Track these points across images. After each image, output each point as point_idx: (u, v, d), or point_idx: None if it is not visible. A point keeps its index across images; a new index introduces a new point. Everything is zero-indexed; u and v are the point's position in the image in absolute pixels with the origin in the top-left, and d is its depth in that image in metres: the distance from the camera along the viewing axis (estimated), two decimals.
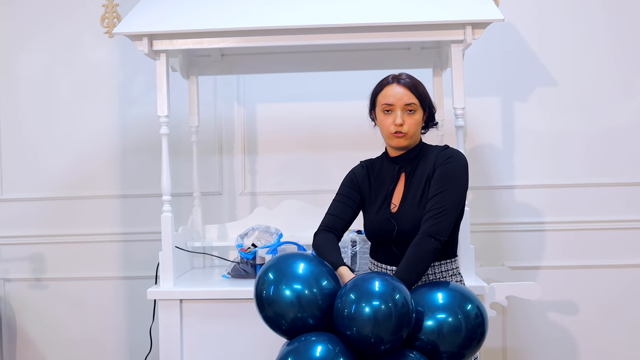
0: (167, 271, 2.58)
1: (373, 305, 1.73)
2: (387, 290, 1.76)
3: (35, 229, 3.39)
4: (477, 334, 1.83)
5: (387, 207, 2.10)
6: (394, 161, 2.16)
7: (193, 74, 3.11)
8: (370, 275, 1.83)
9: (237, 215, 3.32)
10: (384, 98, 2.09)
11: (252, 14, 2.55)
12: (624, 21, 3.23)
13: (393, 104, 2.07)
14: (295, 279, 1.85)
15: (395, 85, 2.08)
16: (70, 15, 3.38)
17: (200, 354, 2.54)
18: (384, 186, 2.15)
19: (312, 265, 1.90)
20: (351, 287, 1.80)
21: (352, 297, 1.77)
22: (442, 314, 1.81)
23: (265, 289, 1.88)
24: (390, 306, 1.73)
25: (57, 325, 3.39)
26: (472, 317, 1.82)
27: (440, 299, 1.84)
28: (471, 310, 1.83)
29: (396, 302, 1.74)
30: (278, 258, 1.95)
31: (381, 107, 2.09)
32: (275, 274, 1.88)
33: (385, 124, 2.09)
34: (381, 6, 2.55)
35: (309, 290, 1.84)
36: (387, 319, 1.72)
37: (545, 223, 3.24)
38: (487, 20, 2.48)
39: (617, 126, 3.24)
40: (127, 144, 3.38)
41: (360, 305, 1.74)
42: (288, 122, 3.33)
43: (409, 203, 2.07)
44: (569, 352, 3.25)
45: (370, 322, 1.72)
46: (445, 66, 2.97)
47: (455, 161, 2.04)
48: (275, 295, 1.85)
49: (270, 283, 1.87)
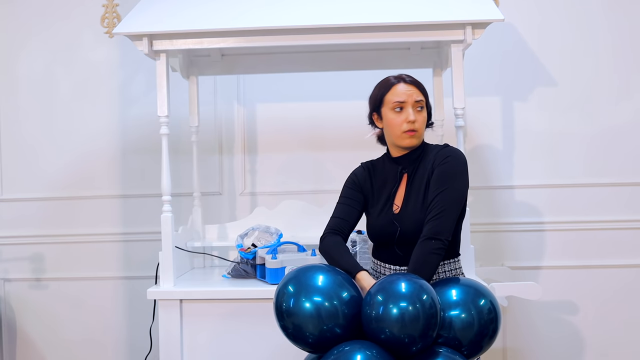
0: (167, 271, 2.58)
1: (401, 307, 1.73)
2: (414, 290, 1.76)
3: (35, 229, 3.39)
4: (490, 329, 1.84)
5: (390, 208, 2.10)
6: (397, 162, 2.16)
7: (193, 74, 3.11)
8: (396, 277, 1.83)
9: (237, 215, 3.32)
10: (394, 96, 2.09)
11: (252, 14, 2.55)
12: (624, 21, 3.23)
13: (405, 100, 2.07)
14: (315, 291, 1.85)
15: (403, 84, 2.10)
16: (70, 15, 3.38)
17: (200, 354, 2.54)
18: (386, 187, 2.15)
19: (331, 276, 1.90)
20: (377, 290, 1.80)
21: (380, 299, 1.76)
22: (456, 310, 1.82)
23: (285, 301, 1.87)
24: (418, 307, 1.73)
25: (57, 325, 3.39)
26: (485, 312, 1.84)
27: (454, 295, 1.85)
28: (484, 306, 1.84)
29: (424, 302, 1.74)
30: (297, 271, 1.95)
31: (391, 105, 2.09)
32: (295, 287, 1.87)
33: (396, 123, 2.08)
34: (381, 6, 2.55)
35: (329, 301, 1.82)
36: (415, 320, 1.73)
37: (545, 223, 3.24)
38: (487, 20, 2.48)
39: (617, 126, 3.24)
40: (127, 144, 3.38)
41: (389, 307, 1.74)
42: (288, 122, 3.33)
43: (411, 204, 2.07)
44: (569, 352, 3.25)
45: (399, 323, 1.72)
46: (445, 66, 2.97)
47: (453, 160, 2.05)
48: (295, 308, 1.84)
49: (290, 296, 1.86)
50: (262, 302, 2.51)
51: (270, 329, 1.96)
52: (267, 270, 2.60)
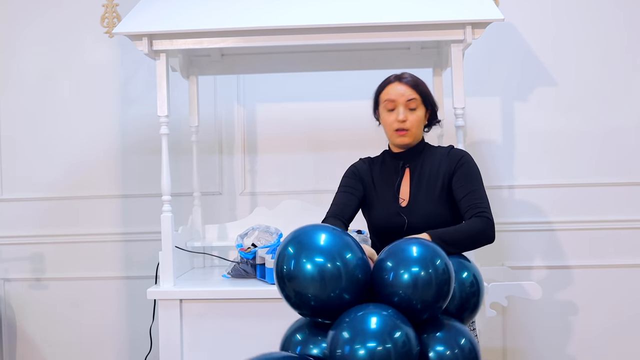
0: (167, 271, 2.58)
1: (413, 272, 1.62)
2: (427, 255, 1.66)
3: (35, 229, 3.39)
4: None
5: (396, 202, 2.12)
6: (398, 157, 2.19)
7: (193, 73, 3.11)
8: (409, 241, 1.73)
9: (237, 215, 3.32)
10: (386, 95, 2.14)
11: (252, 14, 2.55)
12: (624, 21, 3.23)
13: (395, 99, 2.11)
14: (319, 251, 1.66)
15: (397, 84, 2.13)
16: (70, 15, 3.38)
17: (200, 353, 2.55)
18: (389, 181, 2.17)
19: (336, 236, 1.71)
20: (388, 255, 1.69)
21: (391, 265, 1.65)
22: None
23: (285, 264, 1.67)
24: (431, 272, 1.63)
25: (57, 325, 3.38)
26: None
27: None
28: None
29: (437, 267, 1.63)
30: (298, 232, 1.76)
31: (384, 104, 2.14)
32: (295, 248, 1.67)
33: (388, 121, 2.14)
34: (381, 6, 2.55)
35: (332, 263, 1.63)
36: (428, 285, 1.62)
37: (545, 223, 3.24)
38: (487, 20, 2.48)
39: (617, 126, 3.24)
40: (127, 144, 3.38)
41: (400, 272, 1.63)
42: (288, 122, 3.33)
43: (420, 198, 2.10)
44: (569, 352, 3.25)
45: (412, 287, 1.62)
46: (445, 66, 2.97)
47: (470, 160, 2.13)
48: (295, 271, 1.64)
49: (290, 257, 1.66)
50: (262, 302, 2.52)
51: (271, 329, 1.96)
52: (267, 270, 2.60)
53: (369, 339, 1.56)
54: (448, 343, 1.66)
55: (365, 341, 1.56)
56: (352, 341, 1.56)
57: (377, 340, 1.56)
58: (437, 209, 2.08)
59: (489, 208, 2.05)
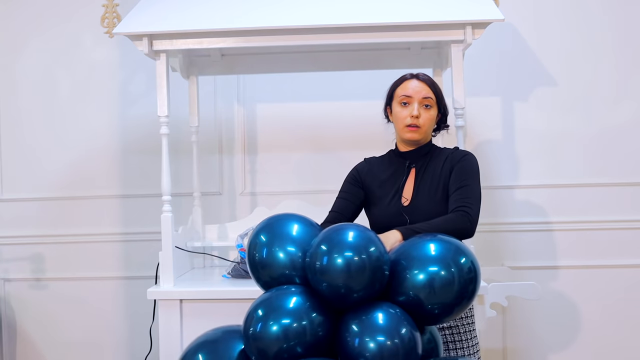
0: (167, 271, 2.58)
1: (346, 257, 1.68)
2: (361, 242, 1.71)
3: (35, 229, 3.39)
4: (469, 290, 1.72)
5: (398, 201, 2.15)
6: (404, 156, 2.21)
7: (193, 74, 3.11)
8: (344, 226, 1.79)
9: (237, 215, 3.32)
10: (402, 90, 2.16)
11: (252, 14, 2.55)
12: (624, 21, 3.24)
13: (411, 95, 2.13)
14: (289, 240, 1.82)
15: (415, 80, 2.17)
16: (71, 15, 3.38)
17: None
18: (393, 180, 2.19)
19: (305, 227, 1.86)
20: (323, 239, 1.75)
21: (324, 249, 1.71)
22: (434, 266, 1.70)
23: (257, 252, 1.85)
24: (364, 258, 1.68)
25: (57, 325, 3.39)
26: (465, 270, 1.71)
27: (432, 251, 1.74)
28: (465, 264, 1.72)
29: (370, 254, 1.69)
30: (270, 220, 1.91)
31: (399, 99, 2.16)
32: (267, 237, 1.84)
33: (401, 116, 2.15)
34: (381, 6, 2.55)
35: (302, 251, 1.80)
36: (361, 271, 1.67)
37: (545, 223, 3.24)
38: (487, 20, 2.48)
39: (617, 126, 3.24)
40: (127, 144, 3.38)
41: (333, 257, 1.68)
42: (288, 122, 3.33)
43: (422, 197, 2.12)
44: (569, 353, 3.25)
45: (343, 274, 1.67)
46: (445, 66, 2.97)
47: (471, 158, 2.15)
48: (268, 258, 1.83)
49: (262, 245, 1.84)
50: None
51: None
52: None
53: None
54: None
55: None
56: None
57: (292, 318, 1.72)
58: (438, 208, 2.09)
59: (475, 204, 2.04)
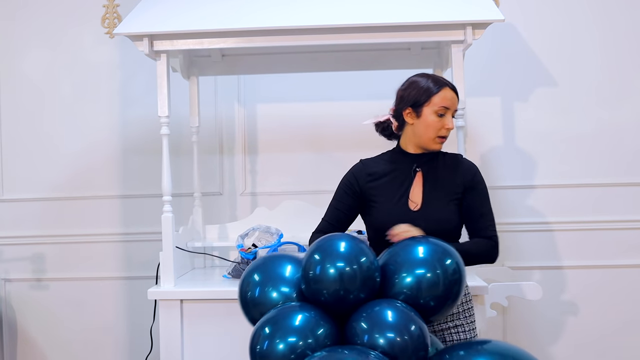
0: (167, 271, 2.58)
1: (338, 267, 1.74)
2: (352, 252, 1.76)
3: (35, 229, 3.39)
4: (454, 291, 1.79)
5: (405, 204, 2.07)
6: (412, 158, 2.13)
7: (193, 74, 3.11)
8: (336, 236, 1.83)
9: (237, 216, 3.32)
10: (442, 100, 2.05)
11: (253, 15, 2.55)
12: (624, 21, 3.24)
13: (449, 107, 2.06)
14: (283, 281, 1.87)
15: (451, 90, 2.08)
16: (71, 16, 3.38)
17: (200, 354, 2.55)
18: (397, 182, 2.11)
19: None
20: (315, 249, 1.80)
21: (317, 258, 1.77)
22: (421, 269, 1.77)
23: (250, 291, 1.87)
24: (355, 268, 1.74)
25: (58, 326, 3.39)
26: (449, 272, 1.78)
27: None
28: (450, 265, 1.79)
29: (361, 264, 1.75)
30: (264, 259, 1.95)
31: (436, 108, 2.05)
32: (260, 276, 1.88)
33: (435, 126, 2.05)
34: (381, 6, 2.55)
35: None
36: (352, 280, 1.74)
37: (545, 223, 3.24)
38: (487, 20, 2.48)
39: (617, 126, 3.24)
40: (128, 144, 3.38)
41: (326, 267, 1.74)
42: (288, 122, 3.33)
43: (434, 204, 2.07)
44: (569, 353, 3.25)
45: (336, 283, 1.73)
46: (445, 66, 2.98)
47: (482, 177, 2.15)
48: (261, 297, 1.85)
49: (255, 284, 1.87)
50: None
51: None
52: None
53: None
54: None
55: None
56: None
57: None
58: (450, 215, 2.07)
59: (496, 229, 2.11)
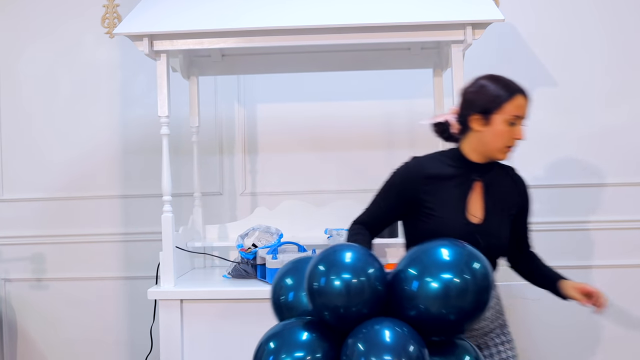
0: (167, 271, 2.58)
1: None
2: (359, 263, 1.61)
3: (35, 229, 3.39)
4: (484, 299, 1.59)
5: (464, 216, 1.93)
6: (474, 168, 1.98)
7: (193, 74, 3.11)
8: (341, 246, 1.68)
9: (237, 216, 3.32)
10: (516, 109, 1.93)
11: (253, 15, 2.56)
12: (624, 22, 3.23)
13: (523, 116, 1.95)
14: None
15: (523, 97, 1.96)
16: (71, 16, 3.38)
17: (200, 354, 2.55)
18: (458, 190, 1.95)
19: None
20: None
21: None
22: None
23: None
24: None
25: (58, 326, 3.39)
26: (479, 277, 1.58)
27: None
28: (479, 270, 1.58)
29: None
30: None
31: (509, 117, 1.92)
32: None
33: (506, 135, 1.92)
34: (381, 6, 2.55)
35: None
36: (359, 293, 1.58)
37: (545, 223, 3.24)
38: (487, 20, 2.48)
39: (617, 126, 3.24)
40: (128, 144, 3.38)
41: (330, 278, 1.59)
42: (288, 122, 3.33)
43: (494, 219, 1.97)
44: (570, 353, 3.25)
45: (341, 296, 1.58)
46: (445, 66, 2.98)
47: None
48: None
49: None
50: (263, 302, 2.50)
51: None
52: (268, 270, 2.61)
53: None
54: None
55: None
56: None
57: None
58: (507, 232, 2.00)
59: None
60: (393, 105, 3.26)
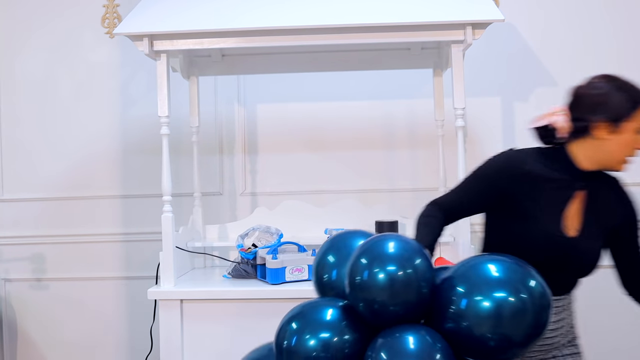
0: (167, 271, 2.58)
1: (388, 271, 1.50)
2: (404, 254, 1.52)
3: (35, 229, 3.39)
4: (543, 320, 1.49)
5: (559, 227, 1.78)
6: (581, 176, 1.81)
7: (193, 74, 3.11)
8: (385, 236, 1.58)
9: (237, 216, 3.32)
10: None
11: (253, 15, 2.56)
12: (624, 21, 3.23)
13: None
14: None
15: None
16: (71, 15, 3.38)
17: (200, 354, 2.55)
18: (558, 196, 1.79)
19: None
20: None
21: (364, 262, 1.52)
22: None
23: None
24: (410, 272, 1.50)
25: (58, 326, 3.39)
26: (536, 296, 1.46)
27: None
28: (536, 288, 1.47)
29: (416, 267, 1.51)
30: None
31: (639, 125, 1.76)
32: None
33: (632, 146, 1.78)
34: (381, 6, 2.55)
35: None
36: (405, 287, 1.48)
37: None
38: (488, 20, 2.48)
39: None
40: (128, 144, 3.38)
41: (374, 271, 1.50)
42: (288, 122, 3.33)
43: (592, 233, 1.82)
44: None
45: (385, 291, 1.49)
46: (445, 66, 2.98)
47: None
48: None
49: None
50: (263, 302, 2.52)
51: (271, 329, 1.96)
52: (268, 270, 2.61)
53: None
54: None
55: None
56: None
57: None
58: (601, 250, 1.84)
59: None
60: (393, 105, 3.26)
